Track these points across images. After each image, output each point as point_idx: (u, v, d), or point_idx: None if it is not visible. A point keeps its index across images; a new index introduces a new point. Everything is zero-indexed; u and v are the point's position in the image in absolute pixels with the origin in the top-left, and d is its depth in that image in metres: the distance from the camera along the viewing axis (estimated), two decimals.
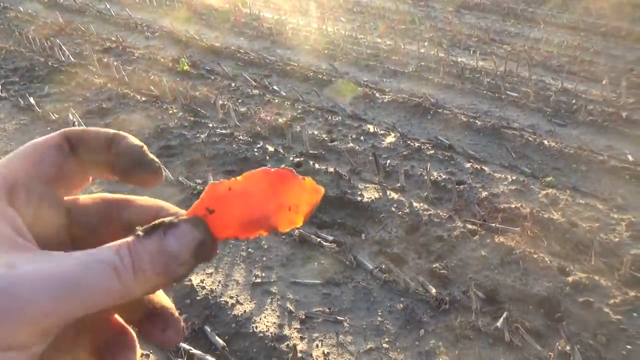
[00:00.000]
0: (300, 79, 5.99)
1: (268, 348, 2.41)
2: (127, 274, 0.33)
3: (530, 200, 3.68)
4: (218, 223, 0.39)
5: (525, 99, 5.51)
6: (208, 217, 0.38)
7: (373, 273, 2.90)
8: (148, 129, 4.56)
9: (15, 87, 5.42)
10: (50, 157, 0.38)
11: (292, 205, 0.40)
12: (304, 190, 0.41)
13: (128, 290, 0.34)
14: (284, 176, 0.40)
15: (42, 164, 0.38)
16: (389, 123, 4.91)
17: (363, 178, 3.89)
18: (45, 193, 0.38)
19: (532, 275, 2.90)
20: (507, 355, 2.42)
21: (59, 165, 0.39)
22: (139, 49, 6.77)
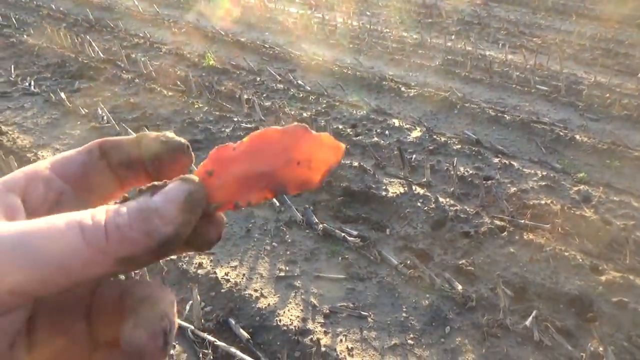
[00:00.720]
0: (325, 73, 5.96)
1: (292, 341, 2.40)
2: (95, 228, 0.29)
3: (561, 196, 3.58)
4: (216, 185, 0.34)
5: (556, 93, 5.36)
6: (206, 179, 0.34)
7: (398, 268, 2.87)
8: (174, 123, 4.61)
9: (47, 82, 5.55)
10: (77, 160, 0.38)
11: (303, 160, 0.35)
12: (320, 146, 0.35)
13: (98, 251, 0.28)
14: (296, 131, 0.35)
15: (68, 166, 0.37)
16: (415, 117, 4.84)
17: (388, 173, 3.84)
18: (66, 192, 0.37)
19: (562, 273, 2.82)
20: (536, 354, 2.36)
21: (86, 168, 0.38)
22: (166, 44, 6.85)
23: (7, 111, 4.88)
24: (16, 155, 3.84)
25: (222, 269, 2.87)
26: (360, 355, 2.35)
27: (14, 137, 4.34)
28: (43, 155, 4.06)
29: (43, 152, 4.12)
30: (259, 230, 3.21)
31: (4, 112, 4.87)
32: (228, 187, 0.35)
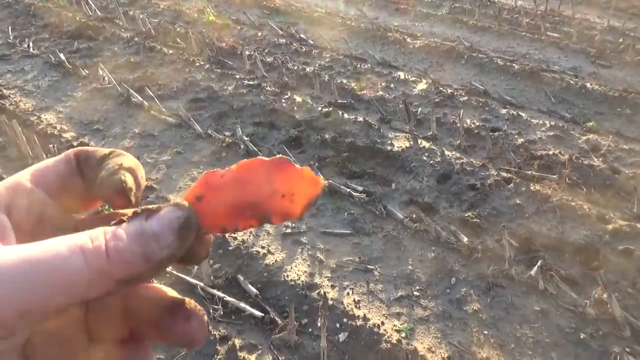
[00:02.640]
0: (328, 26, 5.79)
1: (299, 296, 2.45)
2: (97, 252, 0.31)
3: (570, 146, 3.53)
4: (206, 210, 0.36)
5: (567, 40, 5.18)
6: (196, 204, 0.37)
7: (403, 222, 2.88)
8: (176, 82, 4.55)
9: (45, 43, 5.47)
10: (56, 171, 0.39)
11: (286, 194, 0.38)
12: (301, 179, 0.38)
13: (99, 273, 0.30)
14: (280, 163, 0.38)
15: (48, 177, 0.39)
16: (421, 69, 4.73)
17: (393, 127, 3.79)
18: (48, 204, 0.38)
19: (569, 223, 2.81)
20: (541, 302, 2.39)
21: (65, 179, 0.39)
22: (164, 0, 6.66)
23: (7, 74, 4.84)
24: (19, 119, 3.84)
25: None
26: (367, 308, 2.40)
27: (16, 101, 4.32)
28: (46, 118, 4.05)
29: (46, 115, 4.10)
30: None
31: (5, 75, 4.82)
32: (217, 213, 0.37)
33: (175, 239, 0.33)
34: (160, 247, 0.32)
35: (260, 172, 0.38)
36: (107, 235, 0.32)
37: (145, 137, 3.80)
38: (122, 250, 0.31)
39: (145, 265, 0.32)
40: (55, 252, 0.30)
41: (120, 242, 0.32)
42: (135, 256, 0.32)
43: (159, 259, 0.32)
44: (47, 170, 0.39)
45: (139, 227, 0.33)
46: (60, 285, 0.29)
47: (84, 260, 0.30)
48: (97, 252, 0.31)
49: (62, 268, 0.29)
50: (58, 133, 3.82)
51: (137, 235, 0.32)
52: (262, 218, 0.38)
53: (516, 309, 2.36)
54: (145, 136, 3.81)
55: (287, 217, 0.38)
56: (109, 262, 0.31)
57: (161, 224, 0.33)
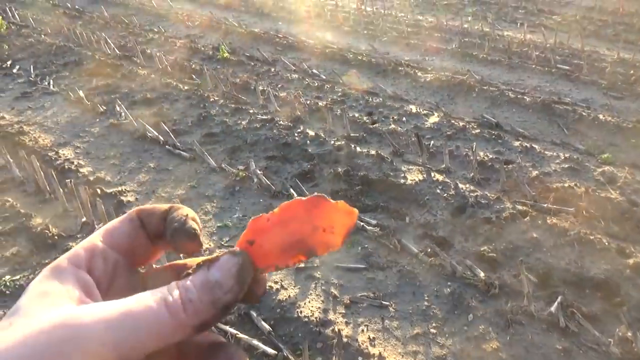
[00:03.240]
0: (340, 61, 5.90)
1: (313, 333, 2.40)
2: (176, 305, 0.36)
3: (585, 178, 3.49)
4: (258, 252, 0.41)
5: (577, 72, 5.21)
6: (249, 248, 0.41)
7: (418, 257, 2.84)
8: (191, 117, 4.63)
9: (65, 81, 5.63)
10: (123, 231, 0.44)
11: (326, 227, 0.42)
12: (337, 212, 0.42)
13: (179, 322, 0.36)
14: (316, 201, 0.42)
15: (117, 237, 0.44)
16: (432, 102, 4.77)
17: (406, 160, 3.80)
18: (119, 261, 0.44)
19: (588, 257, 2.75)
20: (563, 341, 2.31)
21: (131, 237, 0.44)
22: (180, 38, 6.87)
23: (28, 111, 4.97)
24: (38, 155, 3.91)
25: None
26: (383, 345, 2.35)
27: (35, 137, 4.42)
28: (64, 153, 4.13)
29: (64, 150, 4.18)
30: None
31: (25, 112, 4.96)
32: (268, 254, 0.41)
33: (235, 283, 0.38)
34: (224, 293, 0.38)
35: (300, 212, 0.42)
36: (181, 289, 0.37)
37: (160, 171, 3.85)
38: (194, 301, 0.37)
39: (213, 311, 0.37)
40: (147, 306, 0.35)
41: (191, 294, 0.37)
42: (204, 304, 0.37)
43: (224, 303, 0.37)
44: (115, 231, 0.44)
45: (204, 278, 0.38)
46: (152, 334, 0.35)
47: (168, 313, 0.36)
48: (176, 305, 0.36)
49: (154, 320, 0.35)
50: (75, 168, 3.88)
51: (204, 285, 0.38)
52: (308, 252, 0.42)
53: (537, 348, 2.29)
54: (160, 170, 3.85)
55: (330, 248, 0.42)
56: (186, 313, 0.36)
57: (222, 271, 0.38)
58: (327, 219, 0.42)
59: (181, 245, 0.43)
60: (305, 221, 0.41)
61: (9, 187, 3.67)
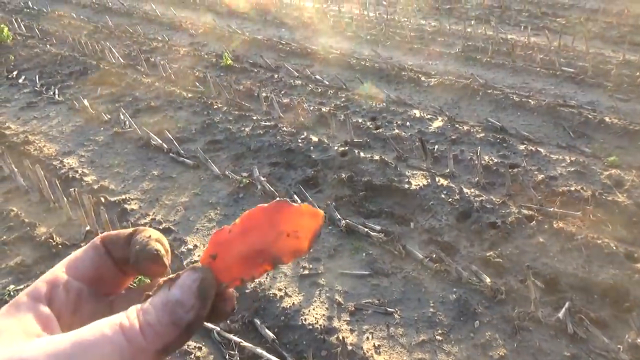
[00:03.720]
0: (343, 66, 5.90)
1: (317, 340, 2.38)
2: (133, 330, 0.34)
3: (592, 182, 3.45)
4: (221, 266, 0.39)
5: (582, 75, 5.17)
6: (212, 263, 0.39)
7: (423, 263, 2.81)
8: (194, 124, 4.63)
9: (70, 90, 5.66)
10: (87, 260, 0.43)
11: (290, 232, 0.40)
12: (300, 216, 0.41)
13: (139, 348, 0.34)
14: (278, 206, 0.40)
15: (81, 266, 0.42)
16: (436, 107, 4.75)
17: (410, 165, 3.78)
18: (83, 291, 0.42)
19: (596, 262, 2.71)
20: (571, 348, 2.27)
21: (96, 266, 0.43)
22: (183, 46, 6.90)
23: (33, 121, 5.00)
24: (42, 164, 3.93)
25: None
26: (388, 353, 2.32)
27: (40, 146, 4.44)
28: (69, 162, 4.14)
29: (68, 159, 4.20)
30: None
31: (31, 121, 4.99)
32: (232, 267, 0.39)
33: (196, 300, 0.36)
34: (186, 311, 0.35)
35: (262, 219, 0.40)
36: (138, 312, 0.35)
37: (164, 179, 3.85)
38: (153, 324, 0.35)
39: (175, 332, 0.35)
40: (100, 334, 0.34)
41: (149, 317, 0.35)
42: (164, 326, 0.35)
43: (185, 322, 0.35)
44: (78, 261, 0.43)
45: (164, 298, 0.36)
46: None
47: (124, 339, 0.34)
48: (133, 330, 0.34)
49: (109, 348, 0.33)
50: (79, 177, 3.89)
51: (163, 305, 0.36)
52: (273, 261, 0.40)
53: (545, 355, 2.26)
54: (164, 178, 3.85)
55: (297, 254, 0.40)
56: (144, 337, 0.34)
57: (182, 289, 0.36)
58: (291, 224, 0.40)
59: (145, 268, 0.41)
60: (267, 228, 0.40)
61: (13, 197, 3.69)
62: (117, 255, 0.43)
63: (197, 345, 2.39)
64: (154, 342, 0.34)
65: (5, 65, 6.44)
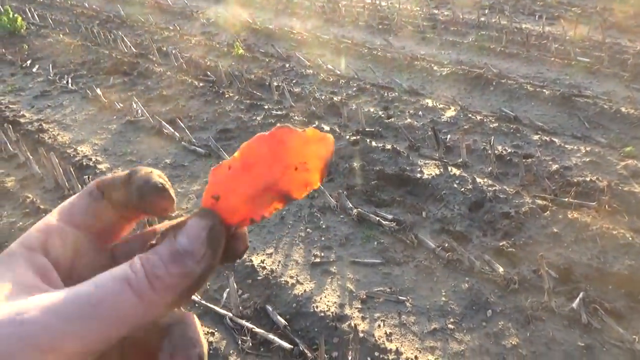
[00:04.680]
0: (355, 56, 5.86)
1: (329, 327, 2.39)
2: (140, 282, 0.32)
3: (608, 172, 3.40)
4: (227, 208, 0.35)
5: (598, 64, 5.09)
6: (215, 205, 0.35)
7: (435, 252, 2.80)
8: (206, 113, 4.64)
9: (83, 79, 5.70)
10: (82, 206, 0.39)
11: (298, 164, 0.35)
12: (308, 144, 0.36)
13: (149, 302, 0.32)
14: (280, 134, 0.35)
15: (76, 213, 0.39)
16: (449, 96, 4.71)
17: (422, 154, 3.75)
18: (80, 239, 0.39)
19: (611, 253, 2.68)
20: (585, 338, 2.26)
21: (92, 212, 0.39)
22: (195, 36, 6.90)
23: (47, 109, 5.04)
24: (57, 152, 3.96)
25: (258, 257, 2.88)
26: (400, 341, 2.32)
27: (54, 134, 4.48)
28: (82, 150, 4.17)
29: (82, 147, 4.23)
30: (293, 217, 3.20)
31: (45, 110, 5.03)
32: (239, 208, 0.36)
33: (206, 249, 0.34)
34: (196, 262, 0.33)
35: (264, 151, 0.35)
36: (145, 264, 0.33)
37: (176, 167, 3.86)
38: (162, 277, 0.32)
39: (187, 283, 0.33)
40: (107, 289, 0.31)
41: (158, 269, 0.32)
42: (175, 278, 0.32)
43: (198, 273, 0.33)
44: (73, 208, 0.39)
45: (171, 248, 0.33)
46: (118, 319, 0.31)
47: (132, 293, 0.31)
48: (142, 284, 0.32)
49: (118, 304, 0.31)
50: (93, 164, 3.92)
51: (171, 256, 0.33)
52: (284, 198, 0.36)
53: (558, 345, 2.24)
54: (176, 166, 3.87)
55: (308, 188, 0.36)
56: (154, 291, 0.32)
57: (190, 238, 0.34)
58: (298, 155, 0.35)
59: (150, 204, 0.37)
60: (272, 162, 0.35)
61: (29, 184, 3.73)
62: (116, 197, 0.39)
63: (209, 331, 2.41)
64: (164, 296, 0.32)
65: (19, 55, 6.49)
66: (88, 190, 0.40)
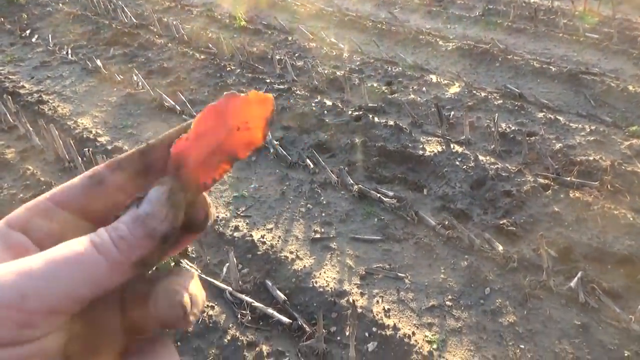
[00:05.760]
0: (359, 29, 5.76)
1: (328, 303, 2.41)
2: (106, 244, 0.33)
3: (611, 152, 3.37)
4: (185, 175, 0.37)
5: (607, 41, 4.99)
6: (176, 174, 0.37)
7: (435, 229, 2.80)
8: (207, 87, 4.59)
9: (83, 50, 5.62)
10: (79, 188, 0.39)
11: (240, 125, 0.38)
12: (249, 105, 0.38)
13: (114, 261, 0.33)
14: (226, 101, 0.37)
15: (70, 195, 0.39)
16: (453, 72, 4.63)
17: (425, 131, 3.72)
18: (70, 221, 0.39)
19: (611, 233, 2.68)
20: (581, 316, 2.27)
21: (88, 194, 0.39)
22: (197, 6, 6.77)
23: (47, 80, 4.99)
24: (57, 124, 3.94)
25: (258, 232, 2.88)
26: (397, 317, 2.34)
27: (54, 106, 4.44)
28: (82, 122, 4.15)
29: (82, 119, 4.20)
30: (293, 193, 3.19)
31: (45, 81, 4.98)
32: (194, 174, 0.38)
33: (168, 210, 0.35)
34: (159, 222, 0.34)
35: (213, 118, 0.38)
36: (109, 229, 0.34)
37: None
38: (126, 237, 0.34)
39: (151, 243, 0.34)
40: (73, 250, 0.32)
41: (121, 232, 0.34)
42: (139, 238, 0.34)
43: (161, 232, 0.34)
44: (70, 189, 0.39)
45: (134, 214, 0.35)
46: (83, 279, 0.32)
47: (98, 253, 0.33)
48: (106, 244, 0.33)
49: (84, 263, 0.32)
50: (93, 137, 3.90)
51: (134, 220, 0.34)
52: (229, 158, 0.38)
53: (555, 323, 2.26)
54: None
55: (251, 146, 0.38)
56: (119, 250, 0.33)
57: (151, 203, 0.35)
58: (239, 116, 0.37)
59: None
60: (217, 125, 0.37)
61: (29, 155, 3.72)
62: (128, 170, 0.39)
63: (209, 305, 2.44)
64: (128, 255, 0.33)
65: (18, 24, 6.40)
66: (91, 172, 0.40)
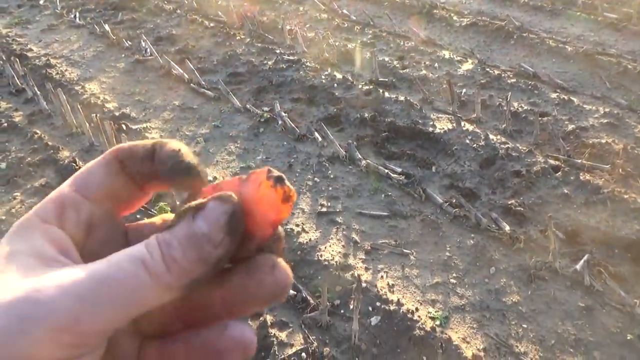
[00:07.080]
0: (372, 1, 5.63)
1: (332, 276, 2.42)
2: (157, 265, 0.31)
3: (625, 135, 3.32)
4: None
5: (626, 21, 4.86)
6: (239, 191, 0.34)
7: (443, 207, 2.79)
8: (216, 55, 4.53)
9: (91, 14, 5.54)
10: (98, 177, 0.38)
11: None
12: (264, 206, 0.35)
13: (162, 284, 0.31)
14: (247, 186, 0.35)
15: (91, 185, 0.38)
16: (467, 49, 4.54)
17: (436, 108, 3.67)
18: (95, 212, 0.38)
19: (620, 217, 2.66)
20: (586, 299, 2.27)
21: (109, 183, 0.38)
22: None
23: (54, 44, 4.94)
24: (65, 88, 3.91)
25: None
26: (401, 292, 2.35)
27: (62, 70, 4.40)
28: (90, 88, 4.11)
29: (90, 84, 4.17)
30: (301, 165, 3.17)
31: (52, 44, 4.93)
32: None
33: (226, 235, 0.33)
34: (214, 247, 0.32)
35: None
36: (162, 245, 0.32)
37: (184, 109, 3.81)
38: (179, 260, 0.32)
39: (203, 268, 0.32)
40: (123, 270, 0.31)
41: (174, 252, 0.32)
42: (191, 262, 0.32)
43: (215, 259, 0.32)
44: (88, 178, 0.38)
45: (189, 231, 0.32)
46: (132, 300, 0.31)
47: (148, 275, 0.31)
48: (157, 266, 0.31)
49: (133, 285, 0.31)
50: (101, 103, 3.88)
51: (188, 239, 0.32)
52: None
53: (559, 304, 2.26)
54: (185, 109, 3.82)
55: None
56: (170, 274, 0.31)
57: (209, 222, 0.32)
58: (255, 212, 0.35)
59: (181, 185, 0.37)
60: None
61: (37, 119, 3.71)
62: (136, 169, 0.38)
63: None
64: (179, 279, 0.32)
65: None
66: (105, 159, 0.38)
